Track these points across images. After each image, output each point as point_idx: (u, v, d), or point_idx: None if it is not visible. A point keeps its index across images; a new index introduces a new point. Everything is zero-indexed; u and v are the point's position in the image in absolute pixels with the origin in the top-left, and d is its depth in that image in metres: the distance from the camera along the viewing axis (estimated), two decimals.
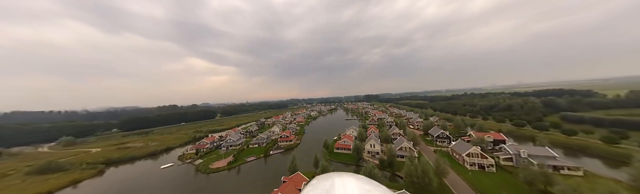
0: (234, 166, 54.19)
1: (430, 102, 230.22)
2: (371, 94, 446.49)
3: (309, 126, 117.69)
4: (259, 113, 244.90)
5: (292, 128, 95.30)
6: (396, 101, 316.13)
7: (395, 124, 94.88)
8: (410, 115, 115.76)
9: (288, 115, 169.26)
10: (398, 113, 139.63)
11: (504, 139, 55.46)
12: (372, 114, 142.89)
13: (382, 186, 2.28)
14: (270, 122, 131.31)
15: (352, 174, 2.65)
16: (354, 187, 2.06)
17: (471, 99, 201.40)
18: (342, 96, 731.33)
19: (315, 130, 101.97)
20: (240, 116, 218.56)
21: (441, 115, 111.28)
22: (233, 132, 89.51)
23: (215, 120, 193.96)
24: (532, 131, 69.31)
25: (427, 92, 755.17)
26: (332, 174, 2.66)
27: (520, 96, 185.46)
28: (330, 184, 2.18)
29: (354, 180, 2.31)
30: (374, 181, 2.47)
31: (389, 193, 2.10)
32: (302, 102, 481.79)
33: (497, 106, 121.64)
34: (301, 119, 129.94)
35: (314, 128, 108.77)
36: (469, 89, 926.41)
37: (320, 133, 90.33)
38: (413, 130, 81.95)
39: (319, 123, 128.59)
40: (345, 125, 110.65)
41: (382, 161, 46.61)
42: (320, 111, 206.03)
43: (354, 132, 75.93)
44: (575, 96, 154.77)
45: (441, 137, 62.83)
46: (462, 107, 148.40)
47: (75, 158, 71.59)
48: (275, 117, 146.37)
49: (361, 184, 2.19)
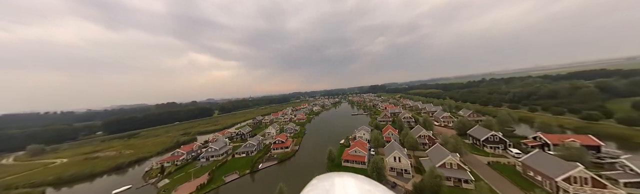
0: (207, 191, 39.00)
1: (445, 91, 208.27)
2: (376, 85, 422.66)
3: (310, 124, 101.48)
4: (260, 109, 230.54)
5: (291, 129, 78.99)
6: (405, 91, 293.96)
7: (415, 120, 76.89)
8: (429, 108, 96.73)
9: (288, 111, 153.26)
10: (413, 105, 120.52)
11: (597, 144, 37.03)
12: (383, 108, 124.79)
13: (382, 186, 2.31)
14: (267, 120, 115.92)
15: (352, 174, 2.66)
16: (354, 187, 2.09)
17: (495, 86, 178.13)
18: (345, 88, 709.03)
19: (317, 130, 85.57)
20: (239, 113, 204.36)
21: (471, 107, 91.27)
22: (221, 135, 74.08)
23: (212, 118, 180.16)
24: (615, 126, 50.11)
25: (434, 80, 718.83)
26: (332, 174, 2.70)
27: (554, 80, 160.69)
28: (330, 184, 2.20)
29: (354, 180, 2.33)
30: (374, 181, 2.52)
31: (389, 193, 2.14)
32: (305, 96, 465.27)
33: (536, 92, 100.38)
34: (302, 116, 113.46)
35: (316, 127, 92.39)
36: (479, 74, 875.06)
37: (324, 135, 73.87)
38: (443, 129, 64.00)
39: (322, 120, 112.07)
40: (352, 122, 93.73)
41: (418, 188, 29.75)
42: (323, 105, 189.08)
43: (366, 135, 58.85)
44: (628, 77, 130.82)
45: (492, 141, 44.83)
46: (487, 95, 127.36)
47: (24, 176, 58.61)
48: (274, 115, 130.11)
49: (361, 184, 2.22)
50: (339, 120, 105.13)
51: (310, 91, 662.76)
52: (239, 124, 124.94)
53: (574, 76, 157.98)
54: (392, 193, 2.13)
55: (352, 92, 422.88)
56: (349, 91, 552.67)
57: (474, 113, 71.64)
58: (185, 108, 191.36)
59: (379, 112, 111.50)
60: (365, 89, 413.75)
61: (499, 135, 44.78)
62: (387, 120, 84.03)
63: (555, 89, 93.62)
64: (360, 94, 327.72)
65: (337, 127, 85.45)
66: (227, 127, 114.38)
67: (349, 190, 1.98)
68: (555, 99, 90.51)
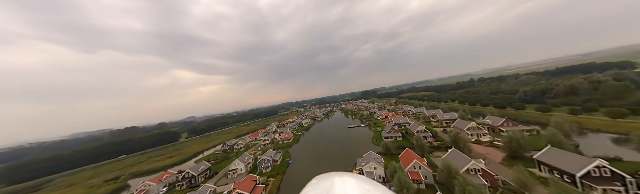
0: None
1: (439, 94, 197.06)
2: (368, 90, 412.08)
3: (298, 145, 78.59)
4: (241, 126, 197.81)
5: (267, 161, 54.71)
6: (397, 95, 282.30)
7: (433, 135, 57.84)
8: (440, 115, 79.01)
9: (273, 128, 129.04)
10: (418, 113, 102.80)
11: None
12: (383, 117, 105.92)
13: (382, 186, 2.25)
14: (242, 144, 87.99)
15: (352, 174, 2.59)
16: (354, 187, 2.05)
17: (491, 85, 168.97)
18: (337, 95, 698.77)
19: (306, 155, 62.62)
20: (214, 134, 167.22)
21: (495, 112, 73.81)
22: (155, 184, 47.80)
23: (176, 145, 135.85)
24: None
25: (419, 82, 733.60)
26: (332, 174, 2.60)
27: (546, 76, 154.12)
28: (330, 184, 2.16)
29: (354, 180, 2.28)
30: (374, 181, 2.42)
31: (389, 193, 2.10)
32: (296, 106, 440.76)
33: (550, 90, 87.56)
34: (287, 136, 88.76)
35: (305, 150, 69.58)
36: (460, 75, 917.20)
37: (315, 165, 51.50)
38: (479, 148, 44.96)
39: (312, 138, 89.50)
40: (350, 139, 72.66)
41: None
42: (314, 116, 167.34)
43: (378, 169, 37.99)
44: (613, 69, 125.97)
45: (598, 177, 25.80)
46: (492, 96, 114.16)
47: None
48: (253, 135, 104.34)
49: (361, 184, 2.18)
50: (334, 137, 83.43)
51: (302, 101, 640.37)
52: (207, 152, 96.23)
53: (565, 72, 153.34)
54: (392, 193, 2.05)
55: (344, 99, 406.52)
56: (340, 97, 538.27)
57: (508, 121, 54.16)
58: (149, 134, 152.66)
59: (380, 124, 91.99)
60: (357, 95, 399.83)
61: (607, 165, 26.04)
62: (395, 136, 64.11)
63: (575, 84, 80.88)
64: (353, 101, 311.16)
65: (332, 150, 63.66)
66: (186, 159, 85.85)
67: (349, 190, 1.92)
68: (577, 96, 77.36)
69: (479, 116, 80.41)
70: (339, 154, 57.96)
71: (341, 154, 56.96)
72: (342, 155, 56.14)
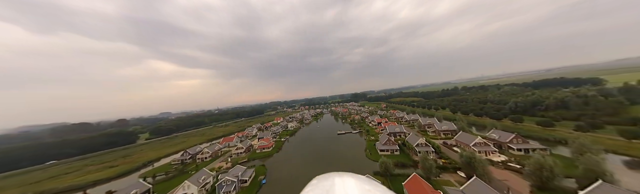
0: None
1: (426, 100, 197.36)
2: (358, 93, 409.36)
3: (278, 155, 66.48)
4: (218, 126, 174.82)
5: (230, 183, 39.02)
6: (385, 99, 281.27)
7: (435, 149, 50.00)
8: (438, 125, 72.46)
9: (253, 130, 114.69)
10: (411, 120, 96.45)
11: None
12: (374, 123, 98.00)
13: (382, 186, 2.22)
14: (208, 153, 69.31)
15: (352, 174, 2.58)
16: (354, 187, 2.05)
17: (474, 94, 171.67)
18: (327, 96, 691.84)
19: (285, 175, 49.64)
20: (182, 135, 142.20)
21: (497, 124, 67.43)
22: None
23: (130, 148, 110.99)
24: None
25: (404, 88, 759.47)
26: (332, 174, 2.57)
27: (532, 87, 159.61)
28: (330, 184, 2.15)
29: (354, 180, 2.26)
30: (374, 181, 2.38)
31: (389, 193, 2.10)
32: (284, 106, 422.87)
33: (541, 102, 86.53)
34: (267, 143, 73.50)
35: (284, 165, 57.57)
36: (439, 83, 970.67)
37: (297, 189, 40.09)
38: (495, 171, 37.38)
39: (296, 145, 77.96)
40: (340, 150, 62.57)
41: None
42: (302, 118, 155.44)
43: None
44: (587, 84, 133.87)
45: None
46: (480, 105, 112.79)
47: None
48: (225, 140, 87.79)
49: (361, 184, 2.17)
50: (322, 145, 72.86)
51: (291, 100, 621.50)
52: (164, 160, 76.79)
53: (542, 84, 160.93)
54: (392, 193, 2.04)
55: (334, 101, 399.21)
56: (330, 99, 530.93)
57: (518, 137, 48.10)
58: (98, 133, 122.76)
59: (372, 131, 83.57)
60: (348, 97, 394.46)
61: None
62: (392, 149, 55.41)
63: (565, 99, 79.96)
64: (343, 104, 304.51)
65: (319, 163, 52.85)
66: (132, 170, 65.13)
67: (349, 190, 1.91)
68: (568, 109, 76.32)
69: (472, 126, 75.67)
70: (327, 169, 47.12)
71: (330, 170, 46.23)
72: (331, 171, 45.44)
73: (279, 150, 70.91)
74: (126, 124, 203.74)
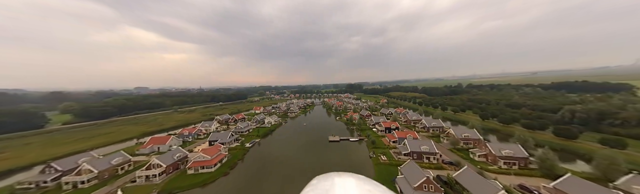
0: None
1: (431, 97, 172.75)
2: (353, 83, 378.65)
3: (213, 191, 37.94)
4: (180, 111, 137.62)
5: None
6: (383, 92, 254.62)
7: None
8: (490, 145, 45.70)
9: (213, 124, 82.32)
10: (432, 126, 69.09)
11: None
12: (381, 127, 70.40)
13: (382, 186, 2.23)
14: (91, 173, 35.50)
15: (352, 174, 2.54)
16: (354, 187, 2.05)
17: (486, 94, 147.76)
18: (320, 84, 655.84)
19: None
20: (119, 121, 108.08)
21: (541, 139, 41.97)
22: None
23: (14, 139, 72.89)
24: None
25: (398, 81, 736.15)
26: (332, 174, 2.53)
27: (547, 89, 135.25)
28: (331, 184, 2.14)
29: (354, 180, 2.27)
30: (374, 181, 2.36)
31: (389, 193, 2.07)
32: (273, 91, 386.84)
33: (613, 114, 61.60)
34: (212, 154, 42.53)
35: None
36: (433, 78, 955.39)
37: None
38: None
39: (261, 166, 49.42)
40: None
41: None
42: (288, 110, 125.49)
43: None
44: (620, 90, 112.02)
45: None
46: (507, 108, 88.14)
47: None
48: (152, 142, 55.79)
49: (361, 184, 2.17)
50: (304, 161, 45.47)
51: (282, 86, 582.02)
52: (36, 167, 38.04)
53: (563, 87, 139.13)
54: (392, 193, 2.04)
55: (327, 90, 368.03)
56: (324, 87, 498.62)
57: None
58: None
59: (379, 142, 56.61)
60: (342, 87, 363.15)
61: None
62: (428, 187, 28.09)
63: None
64: (338, 95, 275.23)
65: None
66: None
67: (349, 190, 1.91)
68: None
69: (507, 138, 50.92)
70: None
71: None
72: None
73: (229, 170, 41.93)
74: (62, 98, 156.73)
